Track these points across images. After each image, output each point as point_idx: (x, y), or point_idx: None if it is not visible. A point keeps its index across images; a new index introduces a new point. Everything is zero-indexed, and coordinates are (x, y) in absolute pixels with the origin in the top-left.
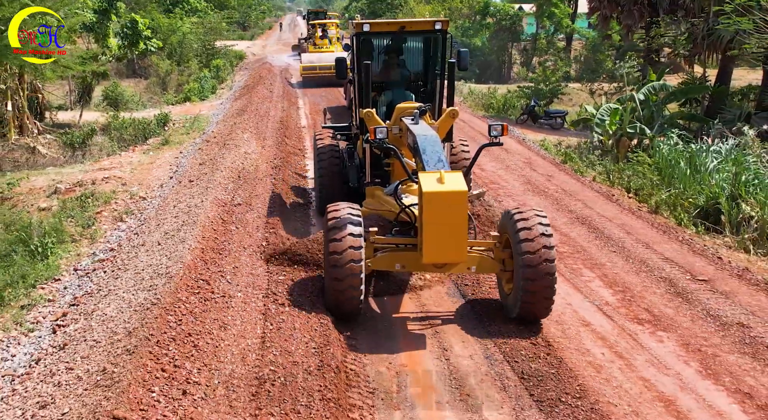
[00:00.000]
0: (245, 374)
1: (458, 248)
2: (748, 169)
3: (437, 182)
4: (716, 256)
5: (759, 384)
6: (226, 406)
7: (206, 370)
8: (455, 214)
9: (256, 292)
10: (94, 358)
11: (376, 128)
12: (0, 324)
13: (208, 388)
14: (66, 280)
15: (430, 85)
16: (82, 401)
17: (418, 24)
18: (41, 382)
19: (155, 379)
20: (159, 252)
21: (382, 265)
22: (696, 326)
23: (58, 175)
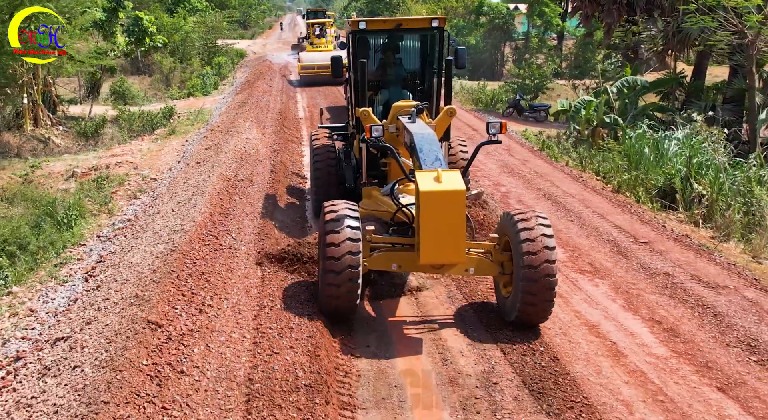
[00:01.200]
0: (248, 302)
1: (456, 249)
2: (701, 152)
3: (434, 181)
4: (661, 225)
5: (669, 315)
6: (234, 322)
7: (217, 298)
8: (453, 213)
9: (259, 243)
10: (126, 290)
11: (371, 127)
12: (37, 278)
13: (219, 309)
14: (91, 245)
15: (428, 83)
16: (120, 315)
17: (414, 22)
18: (83, 310)
19: (177, 300)
20: (173, 216)
21: (378, 264)
22: (628, 275)
23: (74, 161)
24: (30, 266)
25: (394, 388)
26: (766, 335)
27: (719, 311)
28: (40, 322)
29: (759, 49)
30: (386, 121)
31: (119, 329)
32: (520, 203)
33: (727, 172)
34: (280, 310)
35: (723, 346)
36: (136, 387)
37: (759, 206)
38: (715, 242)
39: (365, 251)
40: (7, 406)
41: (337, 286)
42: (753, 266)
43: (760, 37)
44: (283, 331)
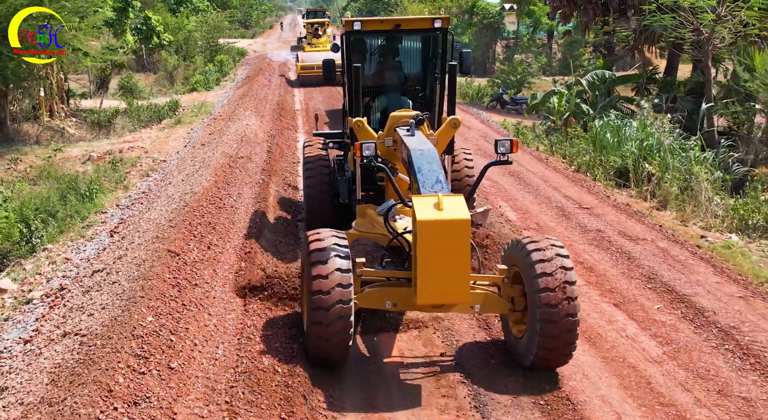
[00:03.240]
0: (244, 245)
1: (459, 287)
2: (652, 136)
3: (434, 208)
4: (606, 196)
5: (591, 258)
6: (236, 257)
7: (222, 240)
8: (455, 246)
9: (256, 205)
10: (147, 235)
11: (362, 144)
12: (68, 238)
13: (223, 248)
14: (111, 212)
15: (429, 89)
16: (145, 250)
17: (415, 22)
18: (112, 253)
19: (190, 239)
20: (183, 185)
21: (370, 302)
22: (566, 231)
23: (89, 147)
24: (60, 229)
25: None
26: (664, 271)
27: (633, 256)
28: (75, 266)
29: (714, 45)
30: (382, 133)
31: (145, 257)
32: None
33: (675, 153)
34: (266, 245)
35: (627, 279)
36: (162, 290)
37: (696, 181)
38: (651, 209)
39: (356, 286)
40: (61, 314)
41: (326, 326)
42: (677, 227)
43: (714, 35)
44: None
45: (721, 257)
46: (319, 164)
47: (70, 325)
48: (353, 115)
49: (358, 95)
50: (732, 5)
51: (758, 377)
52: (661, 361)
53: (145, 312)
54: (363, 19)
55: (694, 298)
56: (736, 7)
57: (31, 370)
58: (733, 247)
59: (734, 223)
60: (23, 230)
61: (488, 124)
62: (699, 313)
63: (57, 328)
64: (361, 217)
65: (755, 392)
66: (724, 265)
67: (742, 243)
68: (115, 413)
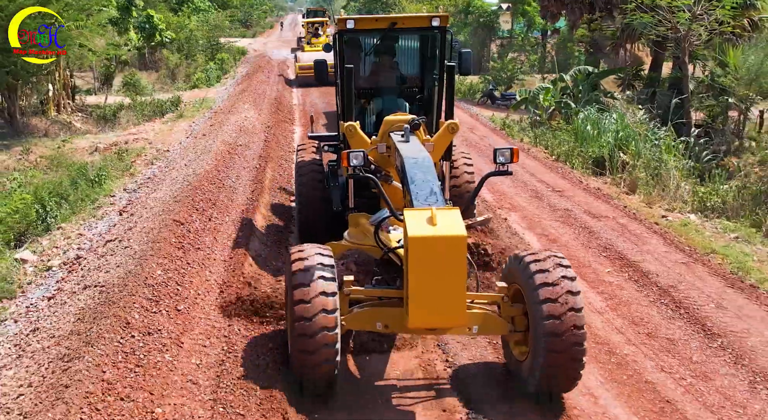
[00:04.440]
0: (242, 218)
1: (454, 310)
2: (628, 127)
3: (427, 223)
4: (579, 181)
5: (556, 232)
6: (233, 228)
7: (221, 215)
8: (450, 265)
9: (253, 186)
10: (155, 210)
11: (350, 154)
12: (79, 218)
13: (222, 221)
14: (119, 195)
15: (427, 91)
16: (153, 221)
17: (412, 20)
18: (123, 225)
19: (194, 212)
20: (186, 169)
21: (359, 324)
22: (537, 210)
23: (95, 139)
24: (72, 211)
25: None
26: (620, 243)
27: (593, 230)
28: (89, 240)
29: (691, 42)
30: (376, 138)
31: (153, 226)
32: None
33: (647, 142)
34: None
35: (585, 248)
36: (169, 252)
37: (665, 168)
38: (620, 193)
39: (343, 307)
40: (80, 275)
41: (311, 353)
42: (641, 208)
43: (691, 33)
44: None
45: (675, 232)
46: (311, 169)
47: (90, 281)
48: (345, 119)
49: (350, 98)
50: (707, 4)
51: (684, 323)
52: (602, 311)
53: (155, 267)
54: (357, 17)
55: (642, 263)
56: (710, 6)
57: (58, 315)
58: (689, 224)
59: (695, 205)
60: (39, 210)
61: (477, 118)
62: (644, 276)
63: (77, 284)
64: (353, 226)
65: (678, 334)
66: (676, 238)
67: (698, 221)
68: (132, 339)
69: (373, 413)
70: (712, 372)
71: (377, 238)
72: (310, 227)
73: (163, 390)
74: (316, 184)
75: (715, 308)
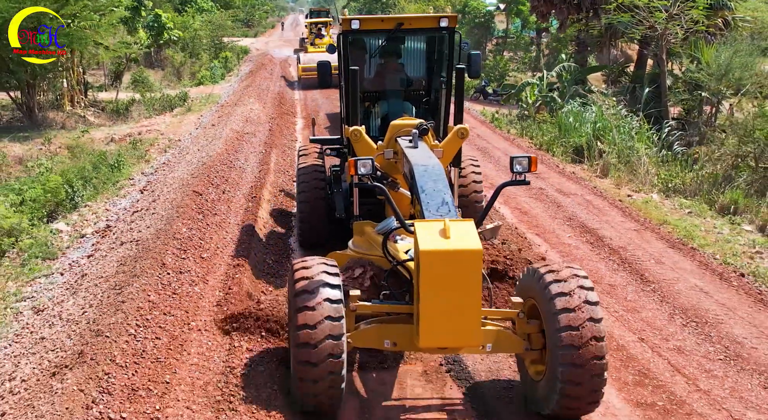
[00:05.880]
0: (252, 192)
1: (468, 328)
2: (605, 118)
3: (440, 236)
4: (556, 166)
5: (528, 206)
6: (245, 198)
7: (233, 189)
8: (465, 281)
9: (260, 167)
10: (174, 185)
11: (357, 161)
12: (103, 198)
13: (234, 193)
14: (138, 178)
15: (434, 94)
16: (174, 192)
17: (419, 21)
18: (146, 199)
19: (209, 186)
20: (199, 153)
21: (366, 341)
22: (513, 189)
23: (110, 130)
24: (96, 191)
25: None
26: (583, 215)
27: (561, 204)
28: (115, 213)
29: (668, 40)
30: (382, 143)
31: (175, 197)
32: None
33: (621, 131)
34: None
35: (552, 219)
36: (191, 215)
37: (636, 155)
38: (593, 177)
39: (349, 323)
40: (114, 237)
41: (314, 382)
42: (610, 189)
43: (668, 31)
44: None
45: (635, 208)
46: (314, 176)
47: (125, 238)
48: (350, 123)
49: (355, 101)
50: (683, 4)
51: (625, 274)
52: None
53: (180, 226)
54: (362, 18)
55: (599, 230)
56: (686, 7)
57: (101, 265)
58: (650, 202)
59: (660, 187)
60: (68, 191)
61: (468, 112)
62: (599, 240)
63: (113, 243)
64: (358, 235)
65: (619, 281)
66: (634, 212)
67: (659, 200)
68: (168, 276)
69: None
70: (641, 307)
71: (385, 250)
72: (310, 234)
73: (195, 311)
74: (319, 190)
75: (654, 263)
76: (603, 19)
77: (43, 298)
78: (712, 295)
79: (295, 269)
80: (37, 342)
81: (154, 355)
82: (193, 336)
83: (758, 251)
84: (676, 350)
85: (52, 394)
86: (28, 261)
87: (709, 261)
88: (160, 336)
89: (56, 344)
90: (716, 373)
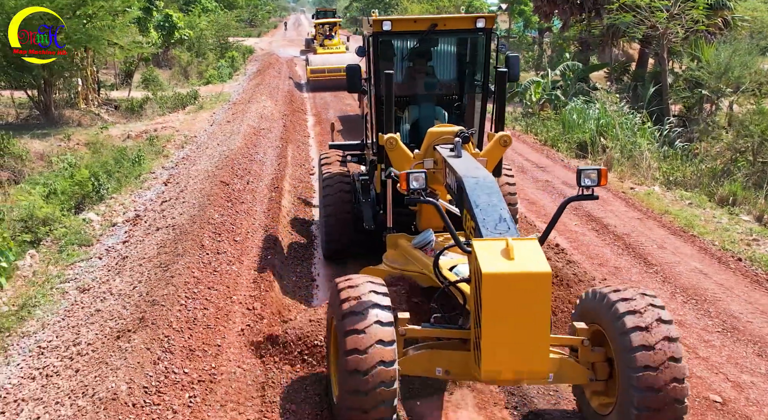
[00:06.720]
0: (274, 183)
1: (536, 359)
2: (608, 115)
3: (503, 257)
4: (560, 160)
5: (536, 197)
6: (268, 189)
7: (256, 180)
8: (533, 307)
9: (278, 161)
10: (199, 176)
11: (410, 175)
12: (128, 190)
13: (257, 183)
14: (159, 172)
15: (468, 99)
16: (202, 183)
17: (454, 21)
18: (173, 189)
19: (233, 177)
20: (219, 147)
21: (416, 368)
22: (521, 181)
23: (126, 128)
24: (120, 184)
25: None
26: (587, 204)
27: (567, 195)
28: (142, 204)
29: (669, 40)
30: (419, 152)
31: (203, 187)
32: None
33: (624, 127)
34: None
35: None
36: (219, 203)
37: (639, 150)
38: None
39: (398, 349)
40: (145, 225)
41: (364, 412)
42: (614, 182)
43: (668, 31)
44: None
45: (638, 199)
46: (339, 188)
47: (160, 224)
48: (384, 130)
49: (390, 107)
50: (683, 4)
51: (629, 258)
52: (567, 251)
53: (213, 212)
54: (394, 19)
55: (604, 219)
56: (686, 6)
57: (139, 248)
58: (652, 194)
59: (661, 180)
60: (94, 183)
61: None
62: (604, 227)
63: (148, 229)
64: (392, 247)
65: (624, 264)
66: (637, 202)
67: (660, 192)
68: (208, 256)
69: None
70: (644, 287)
71: (437, 271)
72: (336, 245)
73: (234, 286)
74: (345, 200)
75: (656, 248)
76: (605, 18)
77: (86, 279)
78: (711, 276)
79: (339, 289)
80: (93, 314)
81: (204, 322)
82: (235, 308)
83: (755, 239)
84: (677, 323)
85: (123, 352)
86: (66, 247)
87: (709, 247)
88: (207, 307)
89: (113, 314)
90: (714, 344)
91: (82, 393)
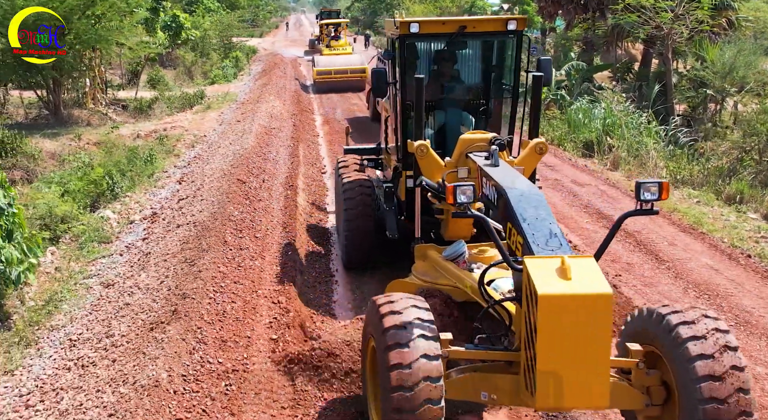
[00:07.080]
0: (288, 181)
1: (596, 387)
2: (614, 114)
3: (559, 277)
4: (568, 159)
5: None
6: (283, 187)
7: (270, 178)
8: (593, 331)
9: (291, 159)
10: (214, 175)
11: (457, 188)
12: (142, 189)
13: (271, 182)
14: (172, 171)
15: (497, 104)
16: (218, 181)
17: (484, 23)
18: (188, 187)
19: (249, 175)
20: (232, 146)
21: (459, 392)
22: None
23: (135, 127)
24: (134, 183)
25: None
26: (598, 203)
27: (577, 194)
28: (157, 202)
29: (674, 40)
30: (450, 160)
31: (221, 185)
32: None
33: (631, 126)
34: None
35: (570, 206)
36: (238, 201)
37: (645, 150)
38: (604, 169)
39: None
40: (164, 222)
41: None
42: (621, 180)
43: (673, 31)
44: None
45: None
46: (360, 192)
47: (180, 221)
48: (414, 137)
49: (420, 112)
50: (688, 5)
51: (641, 254)
52: (579, 247)
53: (233, 209)
54: (421, 20)
55: (614, 216)
56: (691, 7)
57: (161, 245)
58: None
59: (668, 179)
60: (109, 182)
61: None
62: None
63: (168, 225)
64: (420, 259)
65: (636, 260)
66: None
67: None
68: (231, 252)
69: None
70: (657, 282)
71: (482, 289)
72: (357, 255)
73: (259, 281)
74: (367, 208)
75: (667, 245)
76: (609, 19)
77: (109, 274)
78: (722, 272)
79: (379, 305)
80: (122, 308)
81: (233, 315)
82: (261, 302)
83: (763, 236)
84: None
85: (159, 343)
86: (86, 244)
87: (718, 244)
88: (235, 300)
89: (144, 307)
90: None
91: (122, 381)
